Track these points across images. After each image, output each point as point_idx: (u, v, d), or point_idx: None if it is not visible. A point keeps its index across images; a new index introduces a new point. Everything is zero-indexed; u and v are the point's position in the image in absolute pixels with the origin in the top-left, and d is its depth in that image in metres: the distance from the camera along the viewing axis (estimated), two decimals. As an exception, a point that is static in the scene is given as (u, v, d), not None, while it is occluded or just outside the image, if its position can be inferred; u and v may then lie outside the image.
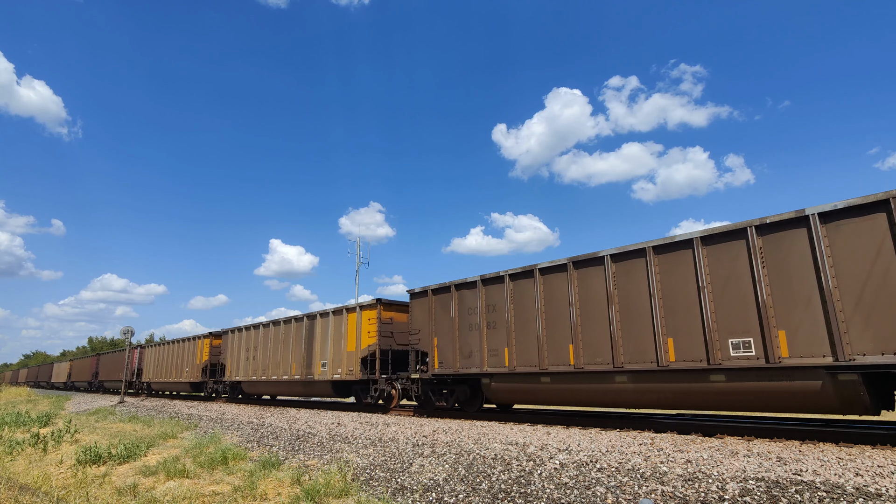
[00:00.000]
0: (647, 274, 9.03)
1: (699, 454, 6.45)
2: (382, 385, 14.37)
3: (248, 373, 20.50)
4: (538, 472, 6.10)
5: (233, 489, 6.44)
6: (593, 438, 8.11)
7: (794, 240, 7.52)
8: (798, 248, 7.47)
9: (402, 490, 6.10)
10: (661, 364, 8.63)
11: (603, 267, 9.71)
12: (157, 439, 10.77)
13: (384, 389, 14.32)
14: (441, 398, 13.04)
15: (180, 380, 25.87)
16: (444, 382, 12.85)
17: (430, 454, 7.49)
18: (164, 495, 6.29)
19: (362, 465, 7.35)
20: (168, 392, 31.88)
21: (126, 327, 26.41)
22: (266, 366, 19.47)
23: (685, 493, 5.00)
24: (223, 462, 7.96)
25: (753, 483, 5.07)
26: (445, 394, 12.93)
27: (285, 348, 18.66)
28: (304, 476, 6.83)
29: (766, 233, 7.80)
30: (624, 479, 5.53)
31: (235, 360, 21.69)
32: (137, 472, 7.76)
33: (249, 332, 21.07)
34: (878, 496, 4.52)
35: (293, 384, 18.16)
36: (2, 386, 57.48)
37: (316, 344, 17.11)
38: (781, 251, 7.64)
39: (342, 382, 16.13)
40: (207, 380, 23.69)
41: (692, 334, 8.35)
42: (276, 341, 19.21)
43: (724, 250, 8.20)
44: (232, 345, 22.20)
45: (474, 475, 6.27)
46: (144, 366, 31.60)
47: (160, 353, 29.41)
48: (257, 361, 19.98)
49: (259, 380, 19.64)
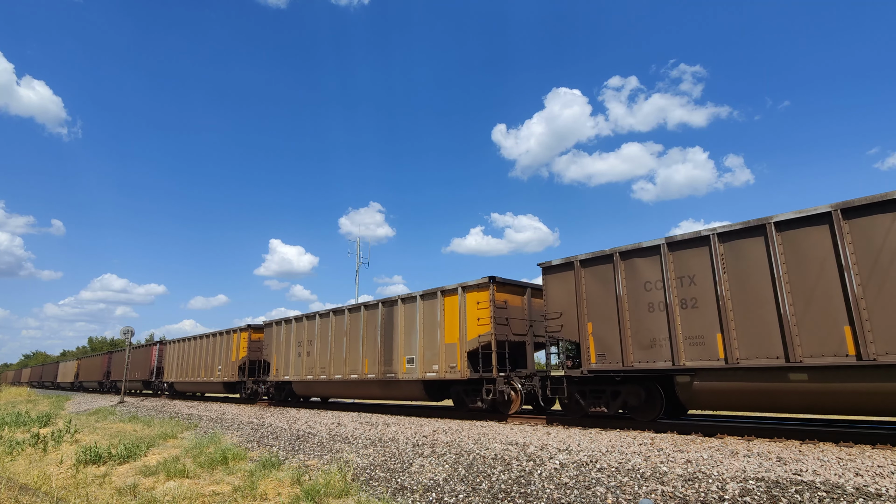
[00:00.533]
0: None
1: (699, 454, 6.46)
2: (501, 386, 11.44)
3: (300, 371, 17.72)
4: (538, 472, 6.10)
5: (233, 489, 6.44)
6: (593, 438, 8.12)
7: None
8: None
9: (402, 490, 6.10)
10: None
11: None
12: (157, 439, 10.78)
13: (502, 391, 11.40)
14: (597, 402, 10.05)
15: (211, 379, 23.11)
16: (602, 381, 10.00)
17: (430, 454, 7.50)
18: (164, 495, 6.29)
19: (362, 465, 7.35)
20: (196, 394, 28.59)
21: (126, 327, 26.41)
22: (326, 363, 16.53)
23: (685, 493, 5.00)
24: (223, 462, 7.96)
25: (753, 483, 5.07)
26: (604, 396, 9.98)
27: (353, 342, 15.62)
28: (304, 476, 6.83)
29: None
30: (624, 479, 5.53)
31: (283, 357, 18.73)
32: (137, 473, 7.76)
33: (301, 323, 18.17)
34: (878, 496, 4.52)
35: (366, 385, 15.14)
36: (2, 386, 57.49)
37: (398, 336, 14.01)
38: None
39: (438, 382, 13.09)
40: (246, 379, 20.95)
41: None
42: (339, 333, 16.25)
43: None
44: (278, 339, 19.26)
45: (474, 475, 6.28)
46: (166, 364, 28.63)
47: (185, 350, 26.34)
48: (313, 358, 17.15)
49: (317, 380, 16.84)
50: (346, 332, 15.94)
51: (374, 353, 14.68)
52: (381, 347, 14.51)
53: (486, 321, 11.78)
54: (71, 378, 47.13)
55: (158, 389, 30.09)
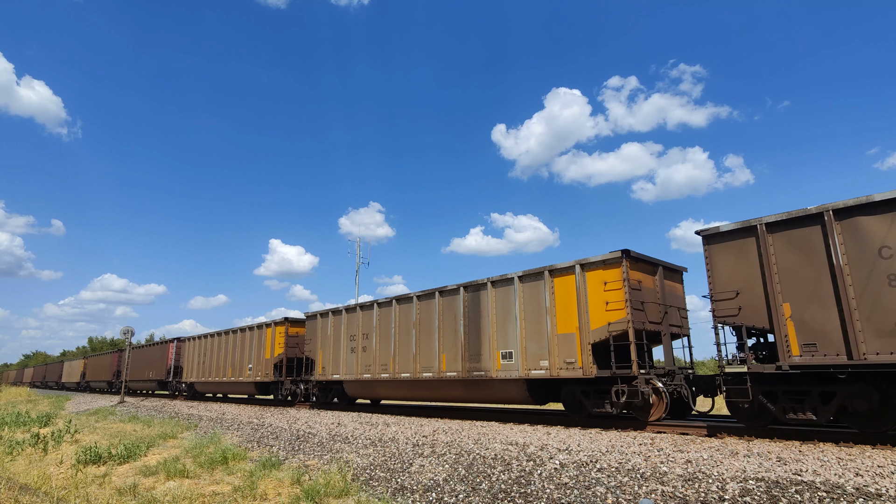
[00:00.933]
0: None
1: (699, 454, 6.46)
2: (643, 386, 9.20)
3: (354, 369, 15.53)
4: (538, 472, 6.10)
5: (233, 489, 6.44)
6: (593, 438, 8.11)
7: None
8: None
9: (402, 490, 6.10)
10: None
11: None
12: (157, 439, 10.78)
13: (643, 392, 9.17)
14: (798, 408, 7.64)
15: (240, 379, 20.81)
16: (806, 380, 7.67)
17: (430, 454, 7.49)
18: (164, 495, 6.29)
19: (362, 465, 7.35)
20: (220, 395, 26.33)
21: (126, 327, 26.42)
22: (388, 359, 14.35)
23: (685, 493, 5.00)
24: (223, 462, 7.96)
25: (753, 483, 5.07)
26: (809, 400, 7.60)
27: (425, 335, 13.44)
28: (304, 476, 6.83)
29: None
30: (624, 479, 5.53)
31: (331, 353, 16.50)
32: (137, 473, 7.76)
33: (354, 314, 16.03)
34: (878, 496, 4.52)
35: (446, 385, 12.89)
36: (2, 386, 57.40)
37: (487, 326, 11.90)
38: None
39: (547, 382, 11.05)
40: (283, 378, 18.59)
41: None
42: (405, 325, 14.07)
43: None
44: (324, 332, 17.06)
45: (474, 475, 6.27)
46: (185, 363, 26.23)
47: (208, 347, 23.99)
48: (369, 354, 15.03)
49: (376, 379, 14.58)
50: (416, 322, 13.83)
51: (454, 347, 12.68)
52: (464, 340, 12.47)
53: (619, 305, 9.74)
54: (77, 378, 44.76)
55: (176, 390, 27.46)
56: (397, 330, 14.43)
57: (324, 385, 17.13)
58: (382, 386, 14.80)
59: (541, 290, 11.09)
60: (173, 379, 27.00)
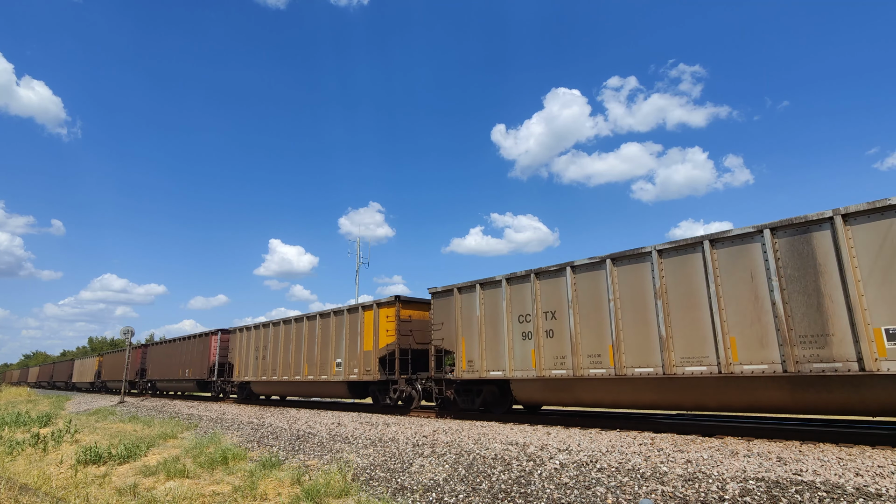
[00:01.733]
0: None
1: (699, 454, 6.46)
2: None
3: (527, 363, 10.86)
4: (538, 472, 6.10)
5: (233, 489, 6.44)
6: (593, 438, 8.11)
7: None
8: None
9: (402, 490, 6.10)
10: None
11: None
12: (158, 439, 10.78)
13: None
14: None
15: (329, 378, 16.12)
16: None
17: (431, 454, 7.50)
18: (164, 495, 6.29)
19: (362, 465, 7.35)
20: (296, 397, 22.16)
21: (126, 327, 26.41)
22: (601, 348, 9.62)
23: (685, 493, 5.00)
24: (223, 462, 7.96)
25: (753, 483, 5.07)
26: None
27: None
28: (304, 476, 6.83)
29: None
30: (624, 479, 5.53)
31: (482, 342, 11.78)
32: (138, 473, 7.76)
33: (523, 285, 11.21)
34: (878, 496, 4.52)
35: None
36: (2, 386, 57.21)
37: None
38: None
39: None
40: (397, 377, 13.96)
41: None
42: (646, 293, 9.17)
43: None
44: (469, 313, 12.31)
45: (474, 475, 6.28)
46: (236, 358, 21.80)
47: (270, 339, 19.60)
48: (561, 340, 10.32)
49: (580, 377, 9.86)
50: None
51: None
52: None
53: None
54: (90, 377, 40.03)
55: (221, 391, 22.78)
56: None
57: (467, 385, 12.62)
58: (589, 387, 9.94)
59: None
60: (220, 377, 22.87)
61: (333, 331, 16.55)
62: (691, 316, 8.61)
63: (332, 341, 16.51)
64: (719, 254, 8.44)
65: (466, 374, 12.17)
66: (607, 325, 9.68)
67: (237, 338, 22.18)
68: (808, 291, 7.48)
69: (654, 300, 9.05)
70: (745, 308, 8.03)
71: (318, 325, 17.26)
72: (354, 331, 15.63)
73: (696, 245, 8.66)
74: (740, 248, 8.21)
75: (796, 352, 7.45)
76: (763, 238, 7.89)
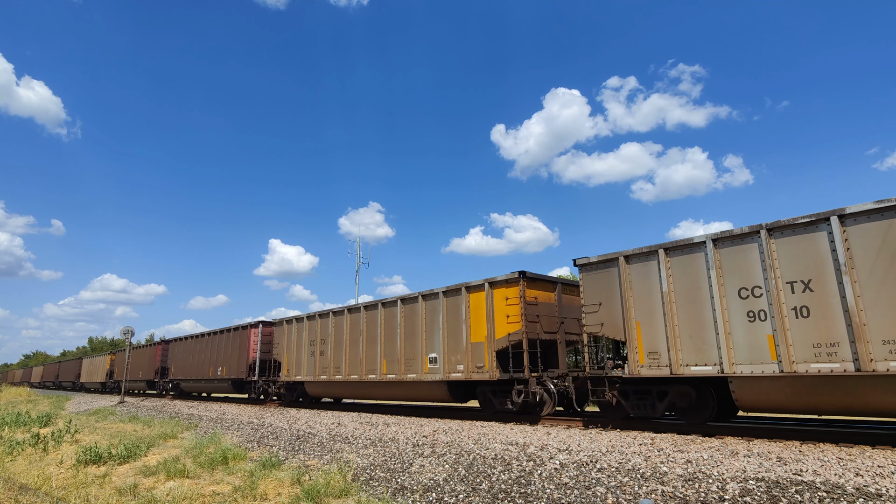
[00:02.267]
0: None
1: (699, 454, 6.45)
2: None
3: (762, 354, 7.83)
4: (538, 472, 6.10)
5: (233, 489, 6.44)
6: (593, 438, 8.11)
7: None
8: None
9: (402, 490, 6.10)
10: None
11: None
12: (158, 439, 10.78)
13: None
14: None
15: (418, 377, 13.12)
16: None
17: (431, 454, 7.49)
18: (164, 495, 6.29)
19: (362, 465, 7.35)
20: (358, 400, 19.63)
21: (126, 327, 26.39)
22: None
23: (685, 493, 5.00)
24: (223, 462, 7.96)
25: (754, 483, 5.07)
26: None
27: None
28: (304, 476, 6.83)
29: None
30: (624, 480, 5.53)
31: (658, 326, 9.00)
32: (138, 473, 7.76)
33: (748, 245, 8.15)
34: (878, 496, 4.52)
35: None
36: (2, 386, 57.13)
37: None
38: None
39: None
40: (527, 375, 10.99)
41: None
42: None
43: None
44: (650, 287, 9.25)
45: (474, 475, 6.27)
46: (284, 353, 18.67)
47: (330, 330, 16.58)
48: None
49: None
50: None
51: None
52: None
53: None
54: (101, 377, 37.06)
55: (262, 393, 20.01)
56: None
57: (644, 385, 9.51)
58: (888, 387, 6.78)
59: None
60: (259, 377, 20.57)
61: (424, 319, 13.46)
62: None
63: (423, 332, 13.39)
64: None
65: (648, 369, 9.14)
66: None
67: (284, 331, 19.17)
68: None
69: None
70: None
71: (400, 313, 14.12)
72: (456, 318, 12.61)
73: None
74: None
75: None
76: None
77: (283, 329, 19.18)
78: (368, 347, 14.93)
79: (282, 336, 19.20)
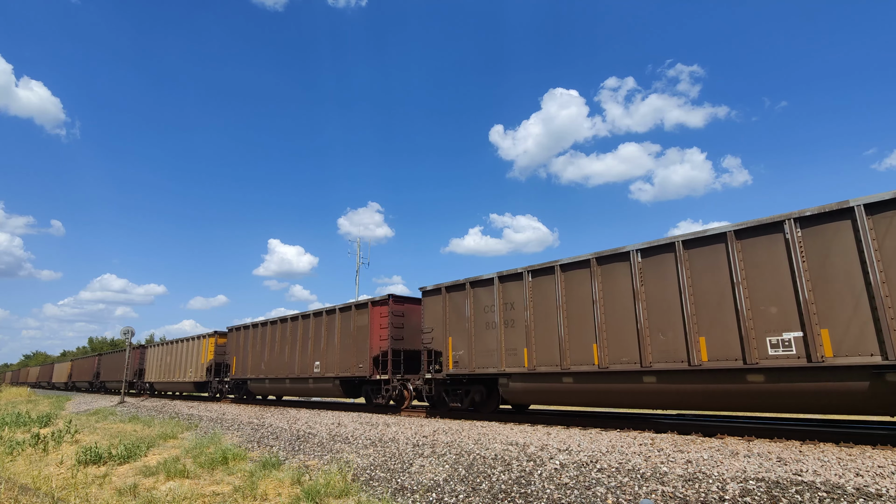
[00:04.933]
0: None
1: (699, 454, 6.45)
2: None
3: None
4: (538, 472, 6.10)
5: (233, 489, 6.44)
6: (593, 439, 8.11)
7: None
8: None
9: (402, 490, 6.10)
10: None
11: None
12: (158, 440, 10.77)
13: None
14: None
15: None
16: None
17: (431, 454, 7.49)
18: (164, 495, 6.29)
19: (362, 465, 7.35)
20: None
21: (126, 327, 26.40)
22: None
23: (685, 493, 5.00)
24: (223, 462, 7.96)
25: (754, 483, 5.07)
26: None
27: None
28: (304, 476, 6.83)
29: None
30: (624, 480, 5.53)
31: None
32: (138, 473, 7.76)
33: None
34: (878, 496, 4.52)
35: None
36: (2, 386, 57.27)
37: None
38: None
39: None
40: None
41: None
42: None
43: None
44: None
45: (474, 475, 6.27)
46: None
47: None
48: None
49: None
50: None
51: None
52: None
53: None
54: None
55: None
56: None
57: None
58: None
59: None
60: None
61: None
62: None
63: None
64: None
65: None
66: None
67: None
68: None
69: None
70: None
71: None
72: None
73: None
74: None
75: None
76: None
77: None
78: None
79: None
